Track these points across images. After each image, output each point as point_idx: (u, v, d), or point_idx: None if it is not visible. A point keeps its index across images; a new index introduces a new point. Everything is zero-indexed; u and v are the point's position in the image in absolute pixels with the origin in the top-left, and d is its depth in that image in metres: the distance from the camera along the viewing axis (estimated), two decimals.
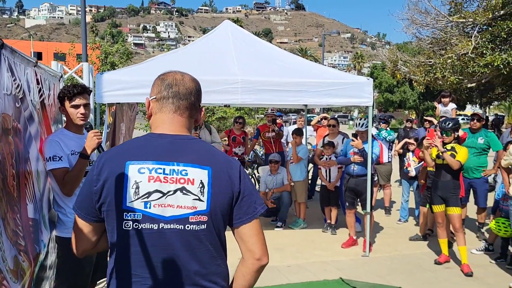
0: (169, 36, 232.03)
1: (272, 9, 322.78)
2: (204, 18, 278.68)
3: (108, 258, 1.60)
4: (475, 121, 6.25)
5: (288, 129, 9.12)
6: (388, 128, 8.14)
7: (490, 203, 6.33)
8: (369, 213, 5.72)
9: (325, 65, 20.03)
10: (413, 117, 32.69)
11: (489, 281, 4.81)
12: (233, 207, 1.56)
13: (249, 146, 8.84)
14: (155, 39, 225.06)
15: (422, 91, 24.26)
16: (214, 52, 6.17)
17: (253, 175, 8.43)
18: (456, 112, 7.49)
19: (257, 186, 8.12)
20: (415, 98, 39.48)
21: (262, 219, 7.12)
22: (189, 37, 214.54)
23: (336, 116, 10.40)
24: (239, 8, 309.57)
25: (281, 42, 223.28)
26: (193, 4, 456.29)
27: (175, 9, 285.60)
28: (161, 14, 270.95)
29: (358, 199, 5.98)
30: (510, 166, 4.73)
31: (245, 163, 8.42)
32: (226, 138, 8.49)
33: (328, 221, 6.74)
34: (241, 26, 9.41)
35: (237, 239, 1.60)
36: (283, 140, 8.85)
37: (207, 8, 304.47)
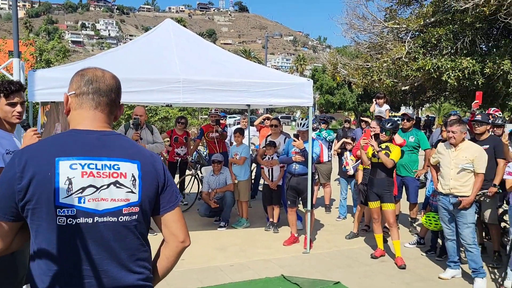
0: (109, 34, 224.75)
1: (215, 10, 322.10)
2: (146, 17, 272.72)
3: (30, 256, 1.55)
4: (405, 121, 6.62)
5: (232, 130, 9.16)
6: (328, 128, 8.39)
7: (421, 199, 6.71)
8: (310, 211, 5.87)
9: (269, 66, 20.28)
10: (352, 118, 33.94)
11: (420, 272, 5.11)
12: (159, 197, 1.67)
13: (192, 146, 8.79)
14: (95, 37, 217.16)
15: (361, 93, 25.21)
16: (156, 51, 6.09)
17: (196, 176, 8.37)
18: (390, 113, 7.88)
19: (200, 186, 8.08)
20: (354, 100, 41.01)
21: (205, 220, 7.10)
22: (130, 36, 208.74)
23: (279, 117, 10.57)
24: (182, 8, 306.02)
25: (225, 43, 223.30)
26: (134, 3, 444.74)
27: (116, 7, 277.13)
28: (100, 11, 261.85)
29: (300, 198, 6.12)
30: (438, 164, 5.04)
31: (188, 164, 8.35)
32: (168, 139, 8.38)
33: (271, 220, 6.84)
34: (185, 26, 9.35)
35: (161, 225, 1.71)
36: (227, 141, 8.88)
37: (149, 7, 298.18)
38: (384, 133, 5.44)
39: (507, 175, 4.93)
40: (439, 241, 5.73)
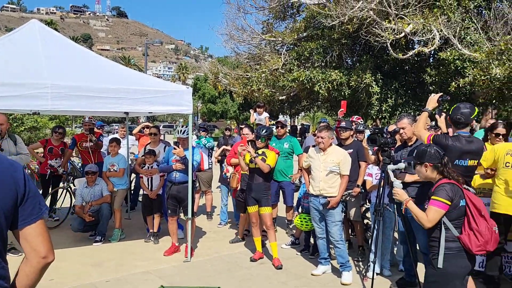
0: None
1: (91, 14, 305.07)
2: (11, 17, 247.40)
3: None
4: (279, 128, 7.00)
5: (109, 139, 8.74)
6: (208, 136, 8.47)
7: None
8: (190, 219, 5.85)
9: (150, 74, 19.85)
10: (234, 126, 34.71)
11: (296, 271, 5.40)
12: (18, 208, 1.56)
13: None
14: None
15: (241, 102, 25.89)
16: (19, 53, 5.55)
17: (68, 189, 7.79)
18: (270, 121, 8.28)
19: (72, 199, 7.55)
20: (236, 108, 42.08)
21: (79, 235, 6.66)
22: None
23: (161, 126, 10.37)
24: (53, 10, 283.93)
25: (102, 49, 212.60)
26: None
27: None
28: None
29: (180, 206, 6.06)
30: (310, 168, 5.40)
31: (62, 176, 7.75)
32: (41, 149, 7.71)
33: (151, 230, 6.67)
34: (56, 29, 8.70)
35: (21, 240, 1.59)
36: (103, 150, 8.45)
37: (14, 6, 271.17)
38: (259, 140, 5.66)
39: (367, 176, 5.49)
40: (311, 240, 6.12)
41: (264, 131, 5.71)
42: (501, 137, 5.00)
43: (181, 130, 6.05)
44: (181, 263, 5.67)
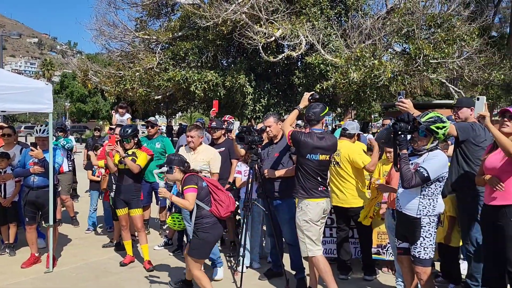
0: None
1: None
2: None
3: None
4: (149, 128, 6.84)
5: None
6: (66, 136, 7.92)
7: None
8: (52, 226, 5.40)
9: (8, 70, 17.87)
10: (107, 127, 33.01)
11: (167, 273, 5.30)
12: None
13: None
14: None
15: (114, 101, 24.71)
16: None
17: None
18: (132, 122, 8.06)
19: None
20: (108, 108, 40.01)
21: None
22: None
23: (22, 127, 9.38)
24: None
25: None
26: None
27: None
28: None
29: (40, 213, 5.56)
30: None
31: None
32: None
33: (6, 241, 6.00)
34: None
35: None
36: None
37: None
38: (125, 141, 5.44)
39: (236, 174, 5.64)
40: (185, 239, 6.08)
41: (127, 131, 5.48)
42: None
43: (40, 129, 5.56)
44: (42, 274, 5.20)
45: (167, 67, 17.26)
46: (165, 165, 4.35)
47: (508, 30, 25.28)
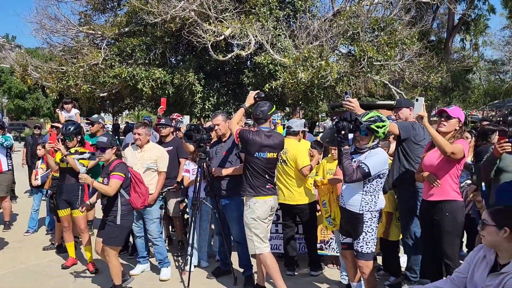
0: None
1: None
2: None
3: None
4: (89, 126, 6.67)
5: None
6: (4, 134, 7.49)
7: None
8: None
9: None
10: (48, 125, 31.63)
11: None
12: None
13: None
14: None
15: (56, 98, 23.72)
16: None
17: None
18: (81, 118, 7.78)
19: None
20: (50, 105, 38.23)
21: None
22: None
23: None
24: None
25: None
26: None
27: None
28: None
29: None
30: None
31: None
32: None
33: None
34: None
35: None
36: None
37: None
38: (67, 139, 5.24)
39: (185, 172, 5.59)
40: (131, 239, 5.95)
41: (69, 129, 5.27)
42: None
43: None
44: None
45: (113, 63, 16.73)
46: (99, 148, 4.43)
47: (445, 35, 26.75)
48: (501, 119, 8.24)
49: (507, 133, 3.60)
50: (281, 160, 5.01)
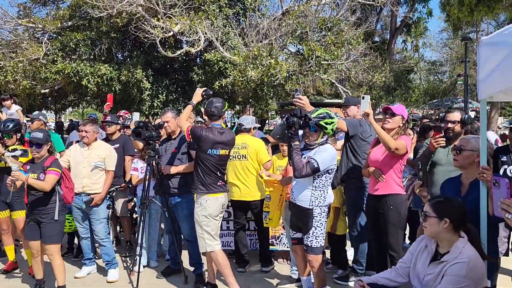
0: None
1: None
2: None
3: None
4: (33, 122, 6.38)
5: None
6: None
7: None
8: None
9: None
10: None
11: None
12: None
13: None
14: None
15: None
16: None
17: None
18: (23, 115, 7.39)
19: None
20: None
21: None
22: None
23: None
24: None
25: None
26: None
27: None
28: None
29: None
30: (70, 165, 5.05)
31: None
32: None
33: None
34: None
35: None
36: None
37: None
38: (5, 137, 4.94)
39: (133, 171, 5.46)
40: (76, 241, 5.74)
41: (9, 126, 4.93)
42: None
43: None
44: None
45: (55, 58, 16.01)
46: (34, 144, 4.30)
47: (388, 37, 27.84)
48: (438, 117, 8.70)
49: (442, 128, 3.86)
50: (239, 156, 5.01)
